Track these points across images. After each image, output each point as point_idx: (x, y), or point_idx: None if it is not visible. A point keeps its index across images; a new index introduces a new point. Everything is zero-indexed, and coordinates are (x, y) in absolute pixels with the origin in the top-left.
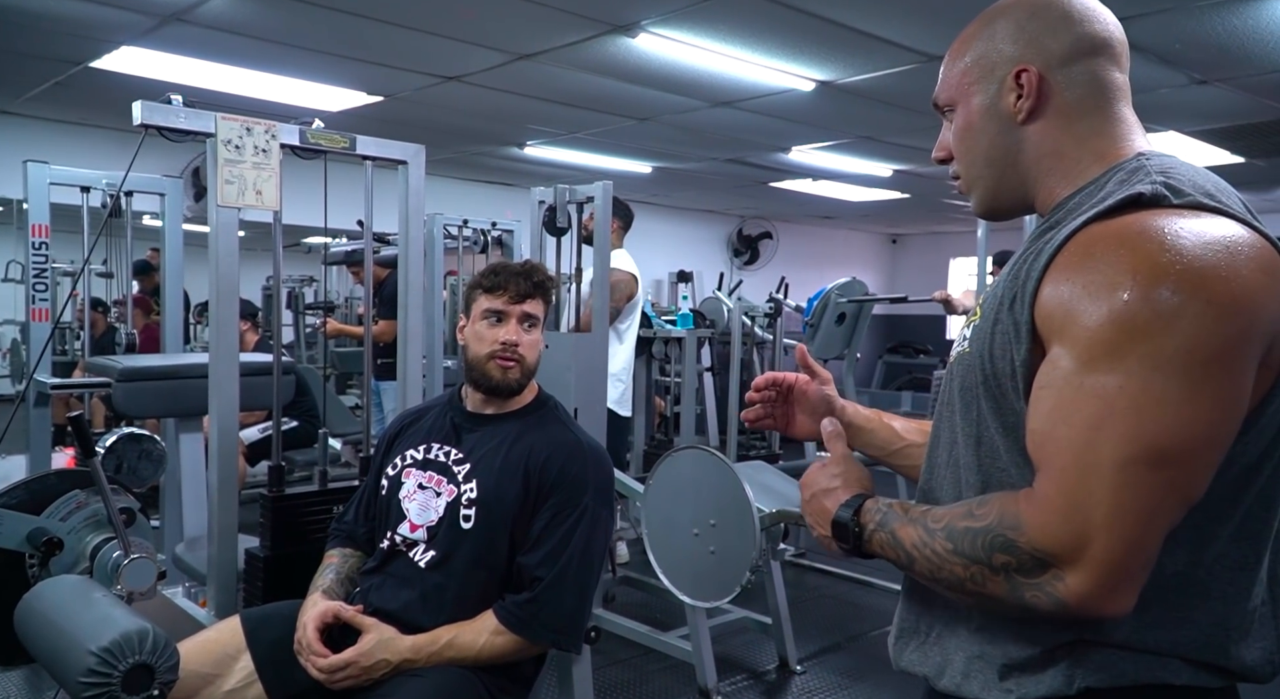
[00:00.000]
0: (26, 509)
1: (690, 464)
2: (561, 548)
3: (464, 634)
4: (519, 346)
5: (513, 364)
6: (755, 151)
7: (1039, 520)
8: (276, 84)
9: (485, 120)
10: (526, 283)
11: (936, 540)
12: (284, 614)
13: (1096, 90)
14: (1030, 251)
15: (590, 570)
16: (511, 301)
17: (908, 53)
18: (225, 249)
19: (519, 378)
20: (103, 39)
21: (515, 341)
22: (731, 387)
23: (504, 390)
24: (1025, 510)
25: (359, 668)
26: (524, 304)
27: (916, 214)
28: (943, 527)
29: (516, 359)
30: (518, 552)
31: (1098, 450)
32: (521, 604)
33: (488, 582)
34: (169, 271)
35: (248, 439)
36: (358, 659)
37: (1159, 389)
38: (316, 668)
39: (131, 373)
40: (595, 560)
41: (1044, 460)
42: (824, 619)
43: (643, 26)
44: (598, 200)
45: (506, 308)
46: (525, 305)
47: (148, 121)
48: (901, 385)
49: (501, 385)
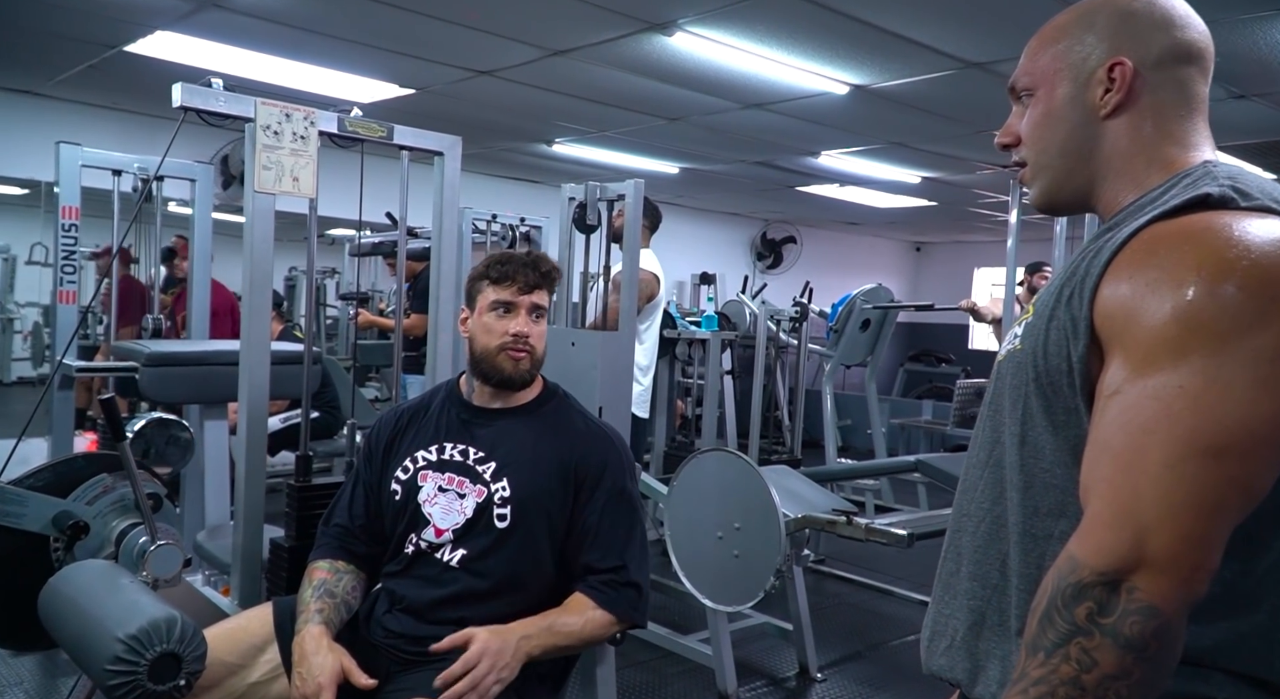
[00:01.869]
0: (53, 491)
1: (715, 466)
2: (626, 536)
3: (565, 617)
4: (530, 338)
5: (523, 355)
6: (784, 155)
7: (1091, 543)
8: (310, 74)
9: (515, 116)
10: (534, 273)
11: (1028, 664)
12: None
13: (1182, 98)
14: (1090, 250)
15: (648, 547)
16: (520, 292)
17: (945, 58)
18: (260, 236)
19: (530, 369)
20: (138, 23)
21: (526, 333)
22: (755, 390)
23: (516, 382)
24: (1075, 547)
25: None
26: (532, 295)
27: (942, 222)
28: (1025, 647)
29: (528, 350)
30: (560, 545)
31: (1147, 454)
32: (612, 584)
33: (528, 577)
34: (197, 258)
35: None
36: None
37: (1222, 385)
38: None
39: (159, 358)
40: (648, 540)
41: (1093, 475)
42: (845, 626)
43: (680, 25)
44: (629, 199)
45: (515, 299)
46: (533, 296)
47: (187, 104)
48: (922, 394)
49: (514, 377)
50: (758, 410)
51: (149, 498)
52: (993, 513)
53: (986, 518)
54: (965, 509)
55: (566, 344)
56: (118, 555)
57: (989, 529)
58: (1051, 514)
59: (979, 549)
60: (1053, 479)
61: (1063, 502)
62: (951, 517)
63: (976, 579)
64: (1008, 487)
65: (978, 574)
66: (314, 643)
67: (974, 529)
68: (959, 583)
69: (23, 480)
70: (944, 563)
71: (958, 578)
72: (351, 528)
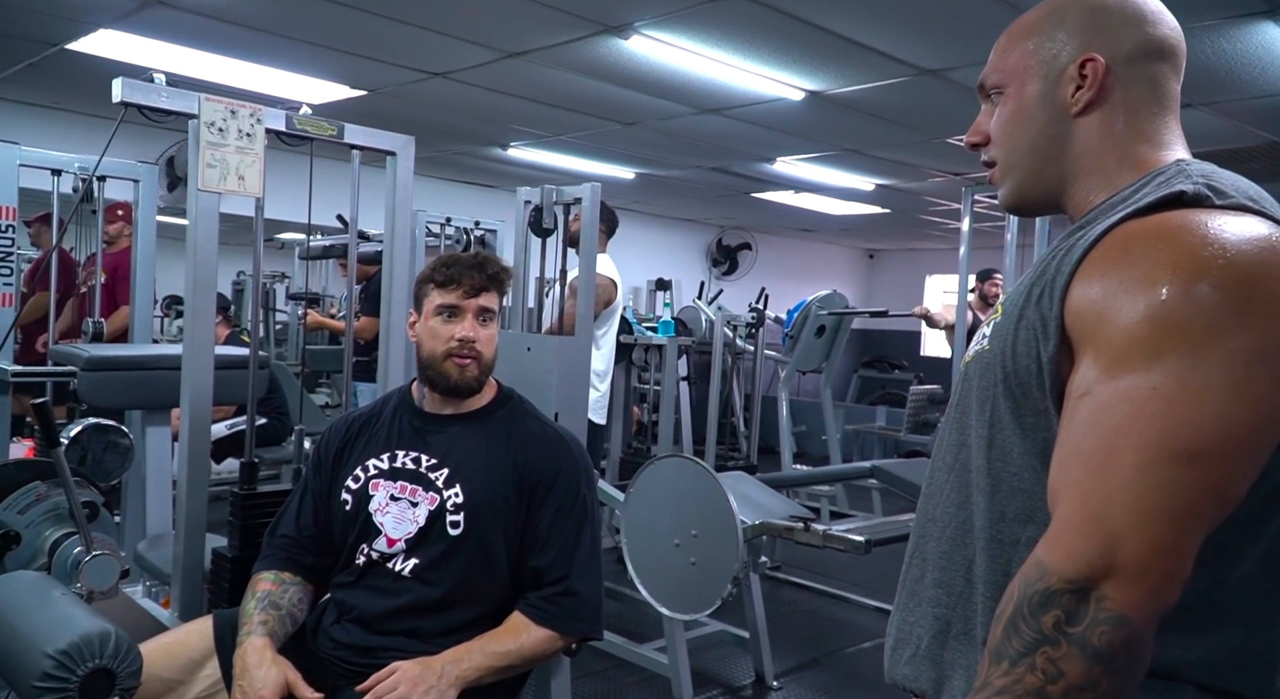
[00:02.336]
0: None
1: (673, 473)
2: (574, 542)
3: (499, 639)
4: (476, 343)
5: (470, 361)
6: (740, 161)
7: (1060, 549)
8: (258, 73)
9: (470, 119)
10: (481, 276)
11: (992, 673)
12: None
13: (1154, 95)
14: (1060, 248)
15: (599, 557)
16: (466, 296)
17: (900, 65)
18: (204, 236)
19: (477, 375)
20: (81, 20)
21: (472, 338)
22: (711, 396)
23: (463, 389)
24: (1043, 553)
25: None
26: (479, 298)
27: (895, 230)
28: (989, 654)
29: (474, 356)
30: (515, 551)
31: (1119, 456)
32: (550, 599)
33: (482, 585)
34: (140, 260)
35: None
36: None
37: (1196, 387)
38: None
39: (98, 362)
40: (599, 546)
41: (1062, 479)
42: (801, 634)
43: (636, 28)
44: (586, 202)
45: (461, 302)
46: (480, 299)
47: (128, 99)
48: (876, 400)
49: (460, 385)
50: (714, 416)
51: (85, 507)
52: (958, 518)
53: (952, 523)
54: (930, 514)
55: (522, 349)
56: (50, 567)
57: (954, 534)
58: (1019, 519)
59: (944, 555)
60: (1020, 483)
61: (1031, 506)
62: (915, 521)
63: (942, 586)
64: (974, 491)
65: (943, 581)
66: (256, 655)
67: (939, 535)
68: (924, 590)
69: None
70: (908, 569)
71: (922, 585)
72: (299, 538)
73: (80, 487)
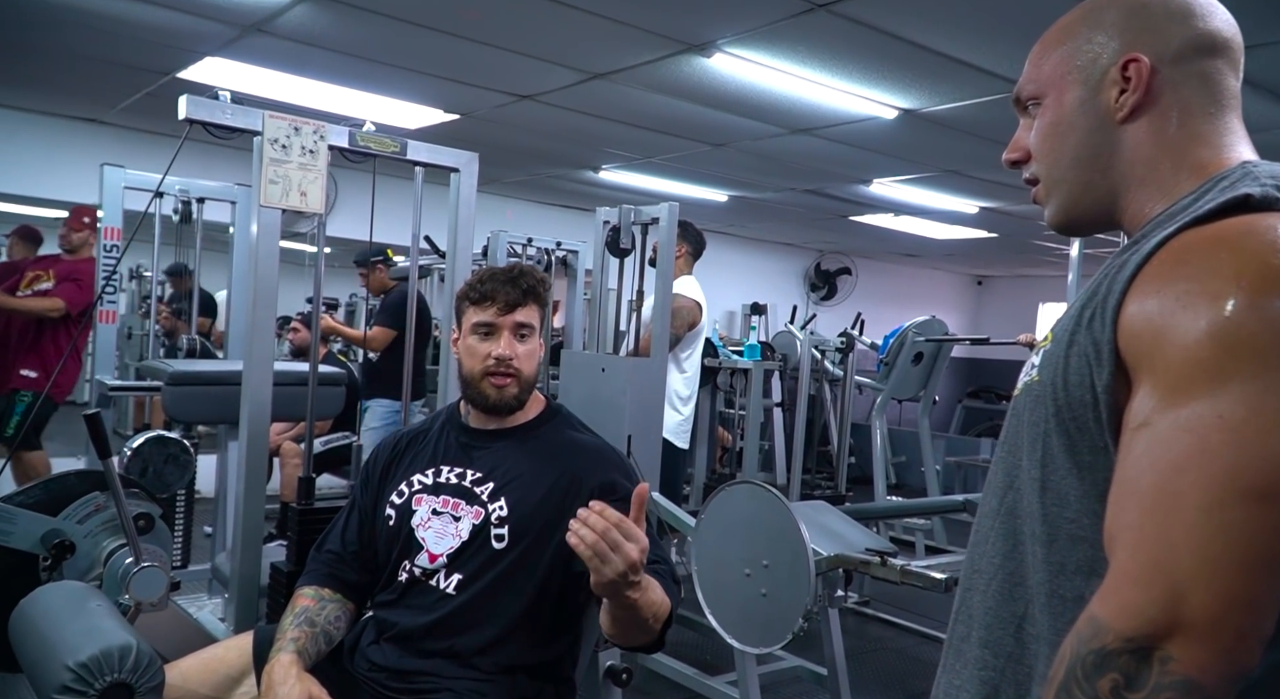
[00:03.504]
0: (43, 509)
1: (744, 500)
2: (651, 538)
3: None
4: (514, 360)
5: (509, 380)
6: (834, 183)
7: (1116, 603)
8: (356, 99)
9: (559, 142)
10: (515, 291)
11: None
12: None
13: (1210, 94)
14: (1113, 266)
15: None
16: (501, 312)
17: (997, 80)
18: (265, 252)
19: (517, 393)
20: (189, 49)
21: (509, 356)
22: (798, 422)
23: (502, 409)
24: (1098, 608)
25: (642, 557)
26: (515, 313)
27: (1003, 255)
28: None
29: (513, 374)
30: (564, 568)
31: (1181, 497)
32: (664, 572)
33: (527, 601)
34: (236, 279)
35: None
36: (648, 548)
37: (1268, 414)
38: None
39: (181, 377)
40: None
41: (1118, 522)
42: (884, 673)
43: (718, 46)
44: (663, 222)
45: (496, 320)
46: (517, 315)
47: (193, 116)
48: (981, 432)
49: (499, 404)
50: (800, 443)
51: (140, 518)
52: (1005, 569)
53: (999, 575)
54: (976, 564)
55: (597, 370)
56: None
57: (1001, 587)
58: (1080, 572)
59: (990, 611)
60: (1080, 530)
61: (1093, 557)
62: (962, 572)
63: (988, 646)
64: (1027, 539)
65: (989, 640)
66: (282, 672)
67: (984, 588)
68: (969, 649)
69: (13, 497)
70: (954, 625)
71: (968, 644)
72: (344, 554)
73: (137, 498)
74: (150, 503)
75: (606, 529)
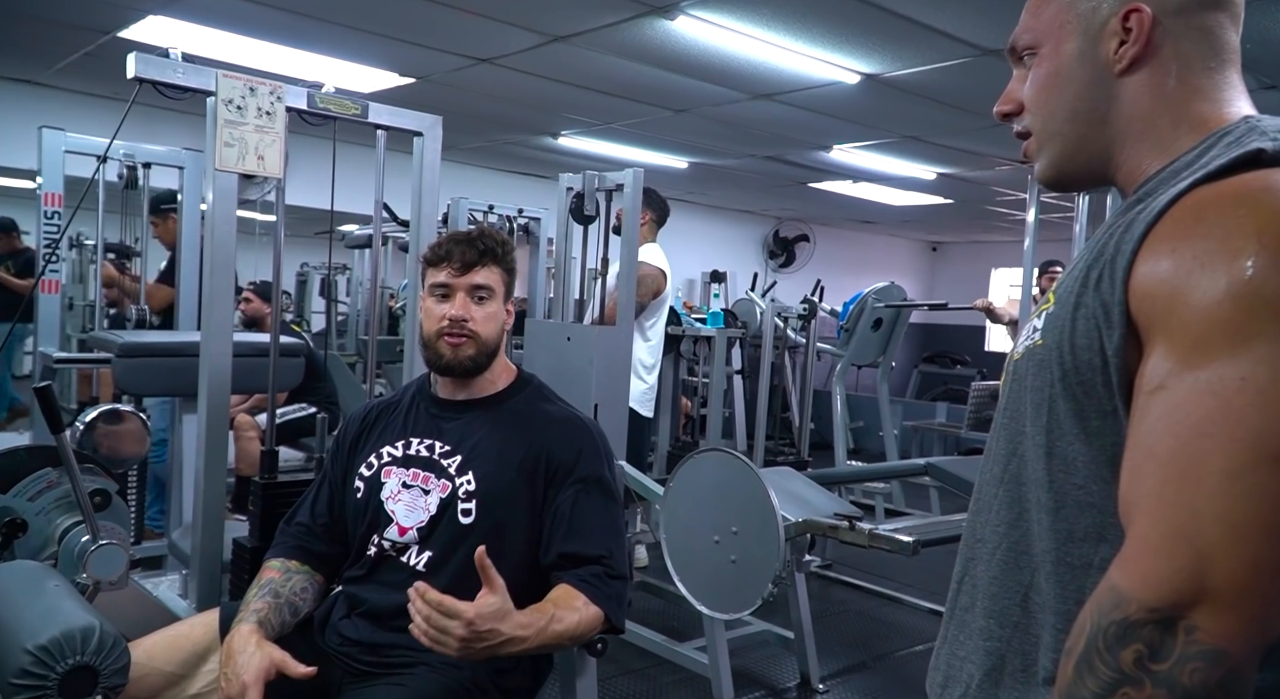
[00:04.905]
0: None
1: (713, 467)
2: (605, 524)
3: (561, 615)
4: (469, 322)
5: (463, 340)
6: (795, 149)
7: (1139, 572)
8: (306, 61)
9: (519, 107)
10: (472, 251)
11: None
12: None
13: (1211, 48)
14: (1118, 224)
15: (626, 541)
16: (457, 273)
17: (960, 45)
18: (222, 217)
19: (472, 355)
20: (129, 6)
21: (462, 316)
22: (761, 390)
23: (456, 369)
24: (1118, 577)
25: (471, 630)
26: (472, 274)
27: (958, 221)
28: (1059, 696)
29: (468, 335)
30: (533, 541)
31: (1205, 462)
32: (601, 578)
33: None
34: (185, 248)
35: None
36: (475, 619)
37: None
38: (422, 600)
39: (133, 348)
40: (625, 530)
41: (1137, 489)
42: (850, 635)
43: (681, 8)
44: (627, 188)
45: (452, 280)
46: (474, 276)
47: (143, 75)
48: (937, 396)
49: (454, 364)
50: (764, 410)
51: (96, 494)
52: (1009, 538)
53: (1003, 543)
54: (979, 534)
55: (562, 339)
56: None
57: (1006, 557)
58: (1089, 539)
59: (995, 581)
60: (1088, 497)
61: (1102, 524)
62: (963, 541)
63: (993, 616)
64: (1033, 507)
65: (994, 611)
66: (241, 641)
67: (989, 557)
68: (974, 620)
69: None
70: (957, 595)
71: (972, 614)
72: (313, 527)
73: (92, 473)
74: (106, 479)
75: (429, 615)
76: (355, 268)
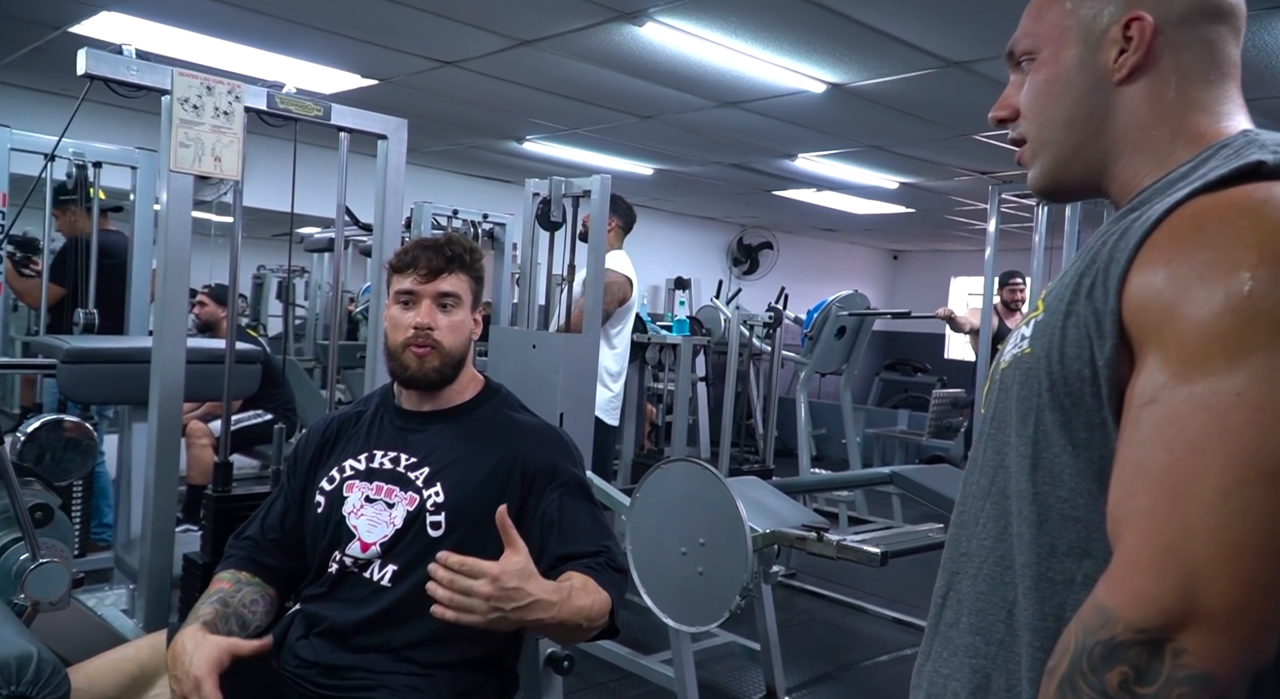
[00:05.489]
0: None
1: (681, 478)
2: (595, 523)
3: (579, 589)
4: (434, 331)
5: (427, 350)
6: (760, 157)
7: (1127, 591)
8: (266, 61)
9: (484, 110)
10: (439, 257)
11: None
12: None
13: (1211, 60)
14: (1112, 232)
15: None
16: (423, 280)
17: (925, 56)
18: (177, 219)
19: (437, 367)
20: (83, 1)
21: (428, 325)
22: (727, 397)
23: (421, 381)
24: (1105, 593)
25: (497, 586)
26: (438, 281)
27: (919, 230)
28: None
29: (433, 344)
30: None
31: (1198, 479)
32: (604, 567)
33: None
34: (137, 251)
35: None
36: (501, 575)
37: None
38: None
39: (80, 354)
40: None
41: (1126, 504)
42: (815, 646)
43: (650, 15)
44: (595, 194)
45: (417, 287)
46: (440, 283)
47: (94, 72)
48: (898, 403)
49: (419, 376)
50: (730, 418)
51: (37, 509)
52: (996, 552)
53: (989, 558)
54: (964, 547)
55: (528, 347)
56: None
57: (991, 572)
58: (1072, 554)
59: (980, 596)
60: (1073, 510)
61: (1086, 538)
62: (946, 554)
63: (979, 633)
64: (1015, 520)
65: (980, 626)
66: (187, 639)
67: (974, 572)
68: (959, 636)
69: None
70: (941, 610)
71: (957, 630)
72: (262, 540)
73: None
74: (49, 492)
75: (451, 579)
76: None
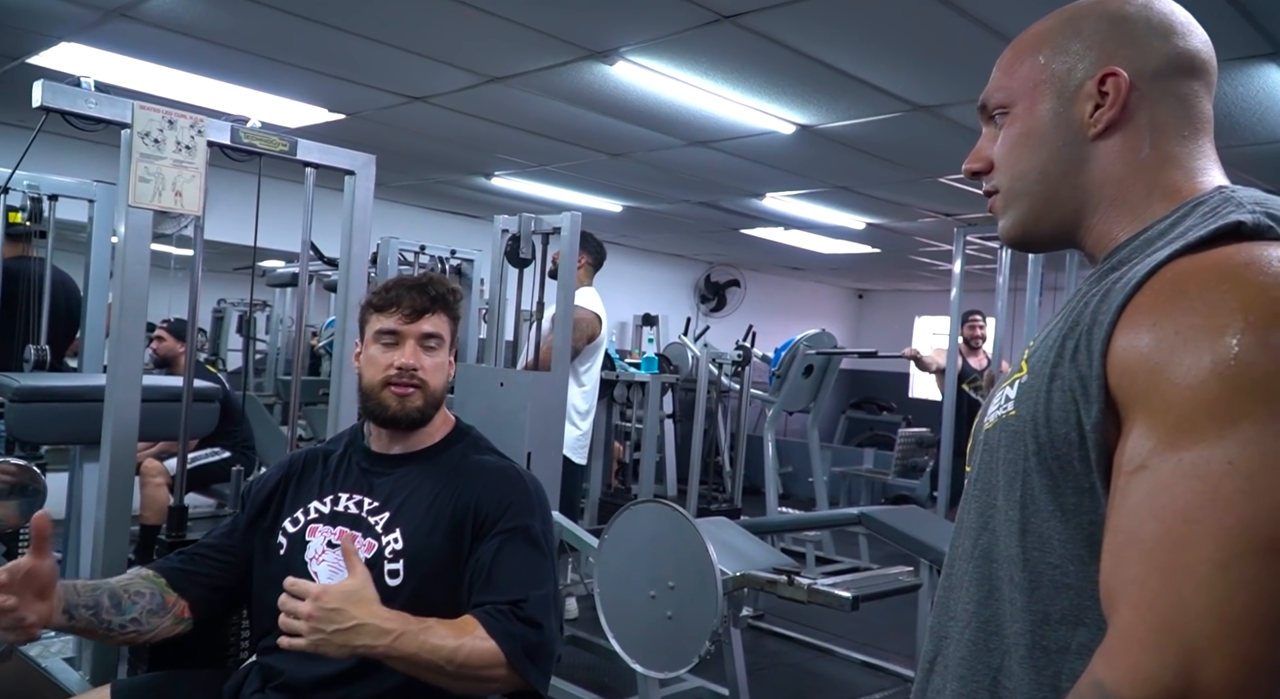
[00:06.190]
0: None
1: (650, 519)
2: (527, 574)
3: (443, 627)
4: (419, 371)
5: (412, 390)
6: (729, 196)
7: (1124, 666)
8: (232, 94)
9: (452, 146)
10: (423, 297)
11: None
12: (163, 689)
13: (1185, 115)
14: (1093, 293)
15: (561, 602)
16: (407, 320)
17: (893, 100)
18: (135, 255)
19: (420, 407)
20: (41, 32)
21: (413, 365)
22: (695, 435)
23: (403, 421)
24: (1102, 669)
25: (317, 607)
26: (422, 321)
27: (885, 270)
28: None
29: (417, 385)
30: (464, 601)
31: (1192, 550)
32: (505, 612)
33: None
34: (93, 285)
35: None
36: (320, 595)
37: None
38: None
39: (29, 393)
40: (560, 591)
41: (1119, 575)
42: (783, 690)
43: (621, 54)
44: (565, 232)
45: (401, 327)
46: (423, 324)
47: (50, 105)
48: (863, 442)
49: (400, 416)
50: (698, 457)
51: None
52: (979, 616)
53: (972, 622)
54: (952, 611)
55: (495, 384)
56: None
57: (975, 637)
58: (1065, 622)
59: (963, 662)
60: (1064, 577)
61: (1079, 605)
62: (935, 618)
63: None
64: (1005, 585)
65: (964, 693)
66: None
67: (959, 635)
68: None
69: None
70: (929, 676)
71: (944, 697)
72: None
73: None
74: None
75: (283, 600)
76: (276, 305)
